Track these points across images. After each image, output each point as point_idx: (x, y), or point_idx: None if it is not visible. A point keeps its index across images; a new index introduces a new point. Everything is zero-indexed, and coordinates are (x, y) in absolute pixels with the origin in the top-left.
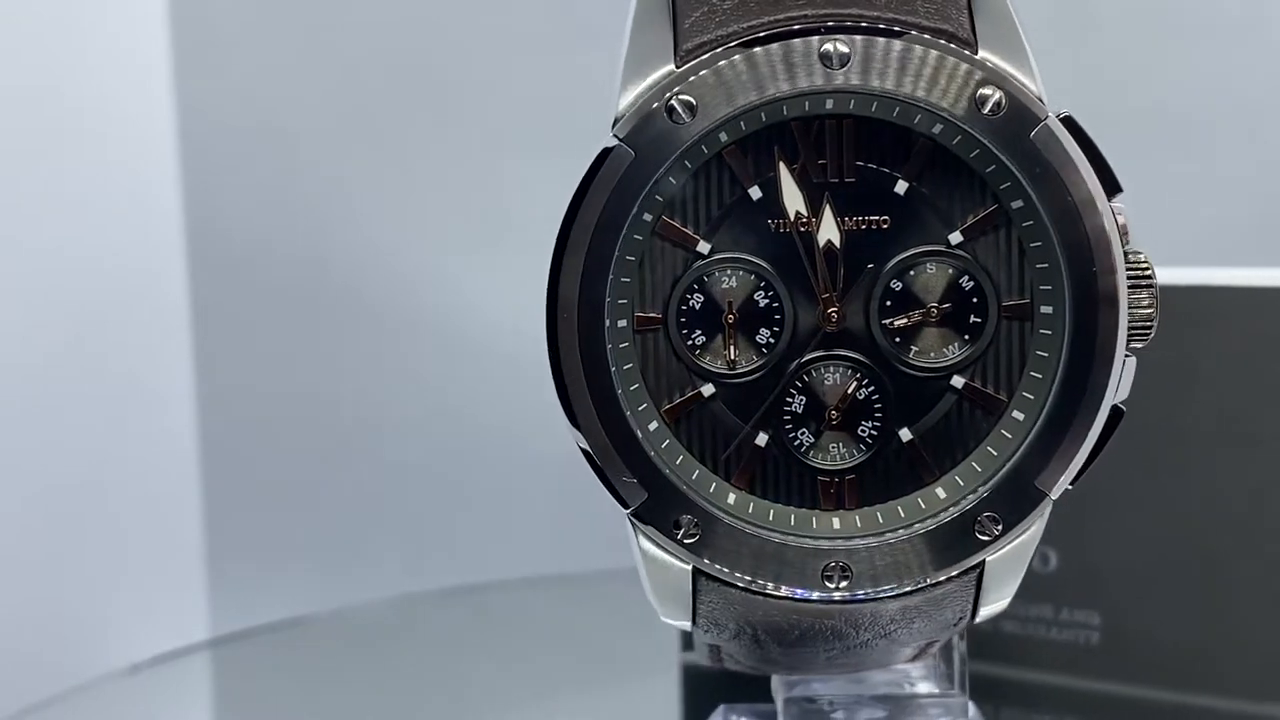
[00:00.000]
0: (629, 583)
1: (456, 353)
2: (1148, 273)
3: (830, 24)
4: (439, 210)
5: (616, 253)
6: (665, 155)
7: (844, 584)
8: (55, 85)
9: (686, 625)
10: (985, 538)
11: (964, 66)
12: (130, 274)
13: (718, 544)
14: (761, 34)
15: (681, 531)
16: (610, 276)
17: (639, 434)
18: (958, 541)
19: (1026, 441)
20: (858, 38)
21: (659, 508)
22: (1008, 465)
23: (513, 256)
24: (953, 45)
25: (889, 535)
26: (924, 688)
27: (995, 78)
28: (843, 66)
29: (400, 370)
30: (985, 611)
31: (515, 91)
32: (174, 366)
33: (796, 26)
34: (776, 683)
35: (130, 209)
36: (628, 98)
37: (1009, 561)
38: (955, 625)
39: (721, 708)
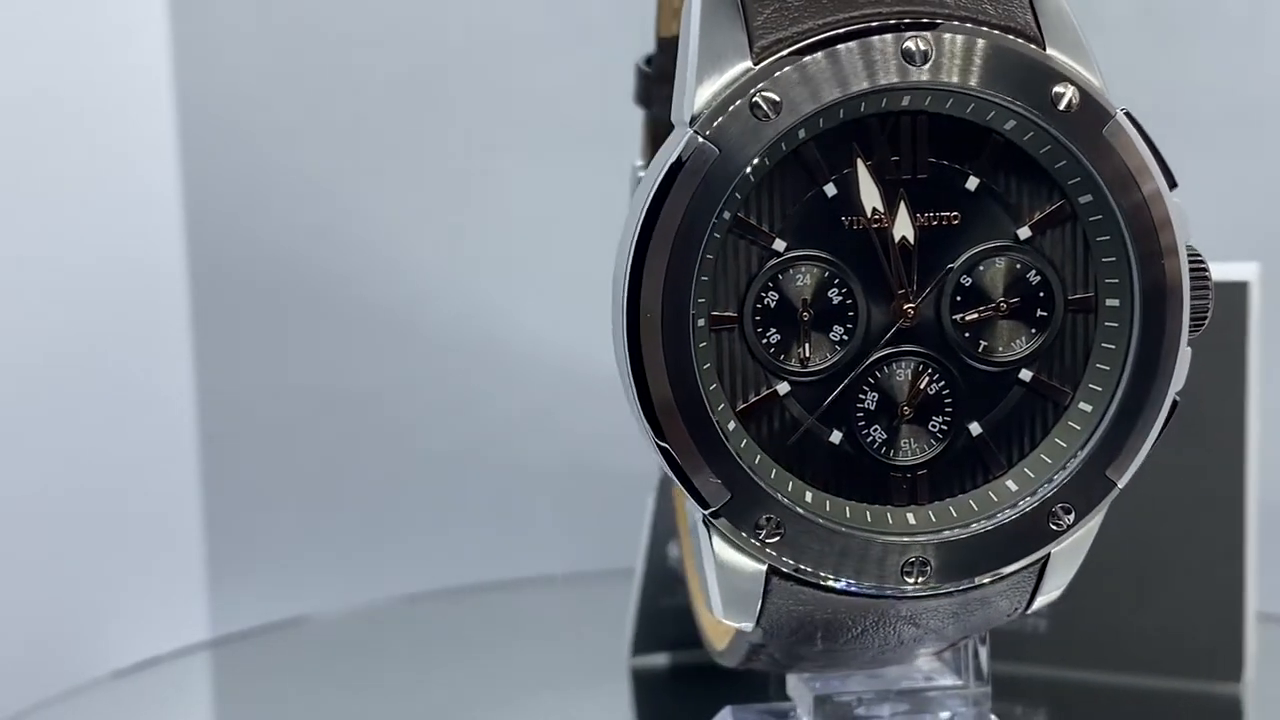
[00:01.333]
0: (625, 582)
1: (457, 353)
2: (1202, 264)
3: (912, 21)
4: (440, 210)
5: (701, 251)
6: (749, 152)
7: (922, 579)
8: (55, 84)
9: (749, 626)
10: (1058, 528)
11: (1039, 64)
12: (130, 273)
13: (799, 543)
14: (842, 30)
15: (765, 531)
16: (695, 275)
17: (721, 434)
18: (1031, 532)
19: (1097, 432)
20: (939, 35)
21: (741, 508)
22: (1079, 456)
23: (514, 256)
24: (1028, 43)
25: (964, 529)
26: (946, 680)
27: (1067, 74)
28: (924, 63)
29: (401, 370)
30: (1040, 601)
31: (517, 91)
32: (174, 366)
33: (876, 24)
34: (795, 681)
35: (130, 208)
36: (704, 94)
37: (1072, 551)
38: (1009, 616)
39: (727, 709)
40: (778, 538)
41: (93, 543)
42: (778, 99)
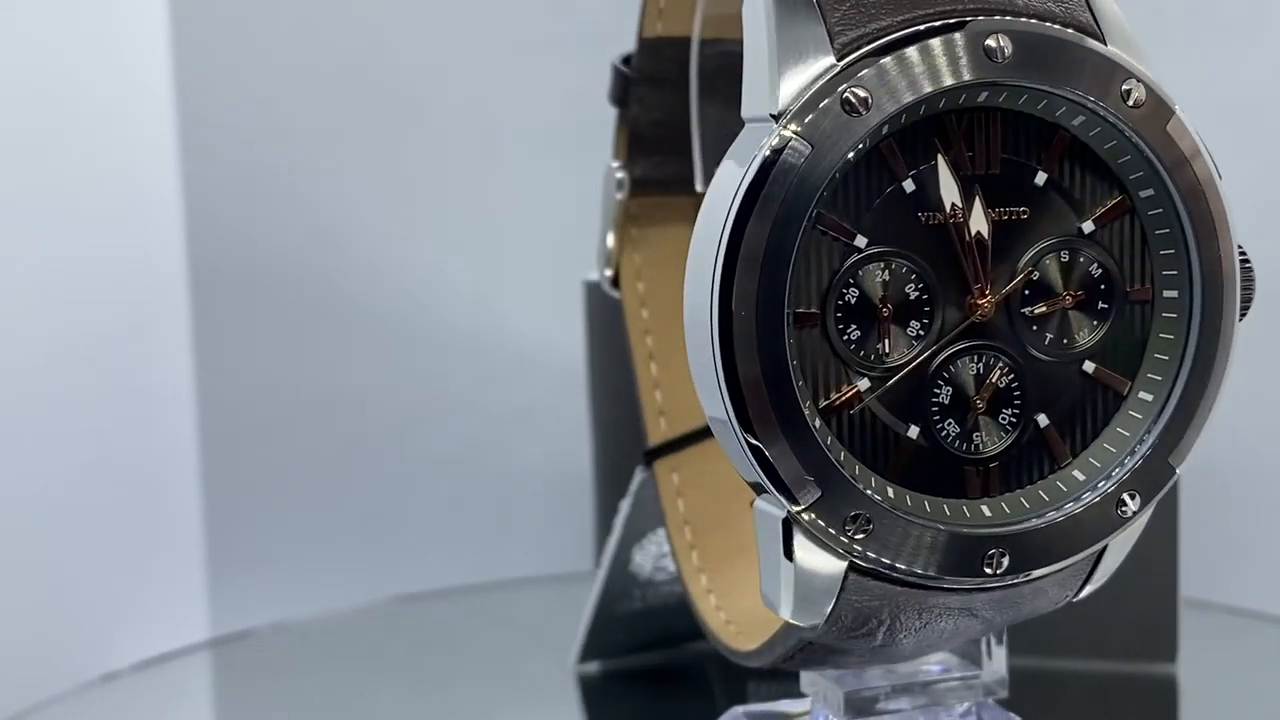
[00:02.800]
0: None
1: (456, 353)
2: (1243, 251)
3: (995, 17)
4: (440, 210)
5: (797, 247)
6: (841, 149)
7: (1000, 570)
8: (55, 85)
9: (818, 622)
10: (1124, 515)
11: (1108, 61)
12: (131, 274)
13: (886, 538)
14: (924, 26)
15: (853, 528)
16: (789, 272)
17: (814, 432)
18: (1101, 520)
19: (1160, 421)
20: (1016, 32)
21: (832, 505)
22: (1143, 445)
23: (514, 256)
24: (1095, 41)
25: (1038, 519)
26: (961, 671)
27: (1134, 71)
28: (1003, 60)
29: (400, 371)
30: (1089, 589)
31: (516, 91)
32: (174, 366)
33: (956, 20)
34: (813, 678)
35: (131, 209)
36: (788, 90)
37: (1128, 538)
38: (1057, 604)
39: (739, 709)
40: (865, 534)
41: (93, 543)
42: (867, 95)
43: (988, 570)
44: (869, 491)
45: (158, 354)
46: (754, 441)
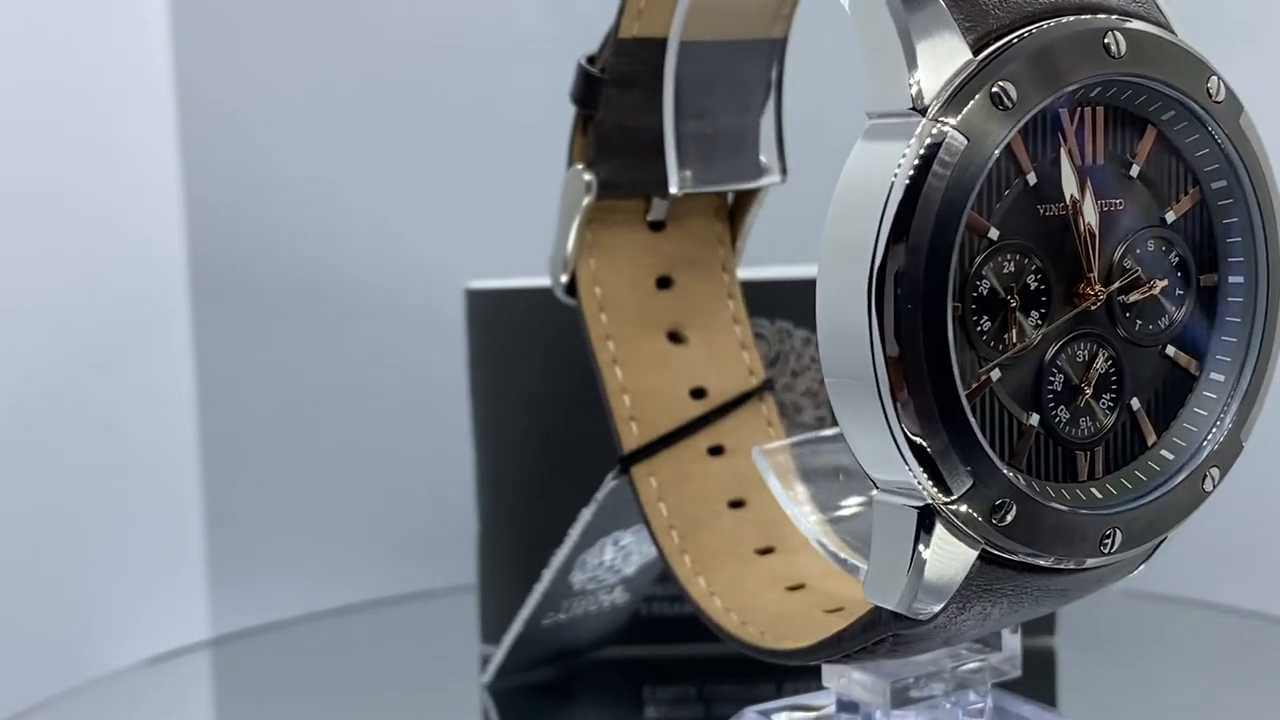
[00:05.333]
0: None
1: (456, 353)
2: None
3: (1100, 16)
4: (442, 209)
5: (959, 238)
6: (993, 142)
7: (1113, 549)
8: (56, 85)
9: (936, 608)
10: (1208, 489)
11: (1196, 58)
12: (131, 274)
13: (1026, 526)
14: (1043, 24)
15: (997, 516)
16: (951, 265)
17: (971, 423)
18: (1189, 494)
19: (1235, 399)
20: (1129, 30)
21: (982, 494)
22: (1223, 421)
23: (517, 257)
24: (1178, 37)
25: (1142, 499)
26: (980, 656)
27: (1213, 68)
28: (1119, 57)
29: (400, 371)
30: (1145, 564)
31: (516, 90)
32: (174, 367)
33: (1074, 18)
34: (836, 670)
35: (132, 210)
36: (932, 83)
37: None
38: (1120, 579)
39: (747, 710)
40: (1010, 522)
41: (93, 542)
42: (1011, 89)
43: (1103, 550)
44: (1015, 479)
45: (158, 354)
46: (917, 439)
